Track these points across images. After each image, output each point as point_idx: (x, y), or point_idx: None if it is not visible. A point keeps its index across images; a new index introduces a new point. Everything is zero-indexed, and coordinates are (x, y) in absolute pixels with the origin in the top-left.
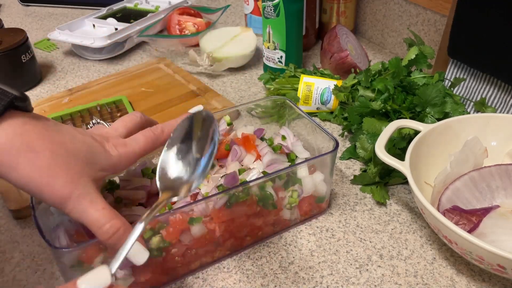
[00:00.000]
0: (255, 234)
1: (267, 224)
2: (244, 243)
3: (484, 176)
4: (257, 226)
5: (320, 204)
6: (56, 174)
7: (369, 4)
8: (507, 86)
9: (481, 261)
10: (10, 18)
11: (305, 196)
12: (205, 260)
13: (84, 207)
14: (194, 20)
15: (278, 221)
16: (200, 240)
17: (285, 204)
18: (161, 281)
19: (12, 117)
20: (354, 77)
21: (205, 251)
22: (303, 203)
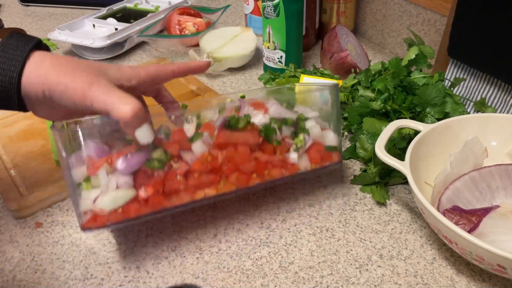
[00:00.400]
0: (261, 173)
1: (275, 165)
2: (250, 181)
3: (484, 176)
4: (263, 164)
5: (331, 154)
6: (77, 75)
7: (369, 4)
8: (507, 86)
9: (481, 261)
10: (10, 18)
11: (313, 144)
12: (209, 192)
13: (105, 91)
14: (194, 20)
15: (286, 164)
16: (202, 163)
17: (292, 145)
18: (162, 203)
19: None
20: (354, 77)
21: (209, 180)
22: (312, 150)
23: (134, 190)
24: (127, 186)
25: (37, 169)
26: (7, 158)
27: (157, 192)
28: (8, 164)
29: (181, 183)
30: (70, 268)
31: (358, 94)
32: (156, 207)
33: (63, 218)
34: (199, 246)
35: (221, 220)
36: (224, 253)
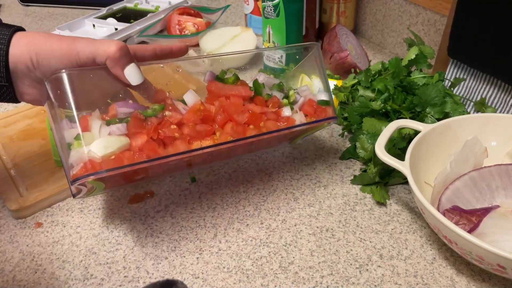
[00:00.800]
0: (257, 124)
1: (269, 117)
2: (247, 131)
3: (484, 176)
4: (257, 115)
5: (325, 108)
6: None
7: (369, 4)
8: (507, 86)
9: (481, 261)
10: (10, 18)
11: (305, 100)
12: (205, 142)
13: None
14: (194, 20)
15: (280, 117)
16: (195, 112)
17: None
18: (158, 152)
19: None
20: (354, 77)
21: (204, 130)
22: (305, 106)
23: (127, 138)
24: (120, 132)
25: (37, 169)
26: (7, 158)
27: (150, 139)
28: (8, 164)
29: (175, 130)
30: (70, 268)
31: (358, 94)
32: (150, 154)
33: (63, 218)
34: (199, 246)
35: (221, 220)
36: (224, 253)
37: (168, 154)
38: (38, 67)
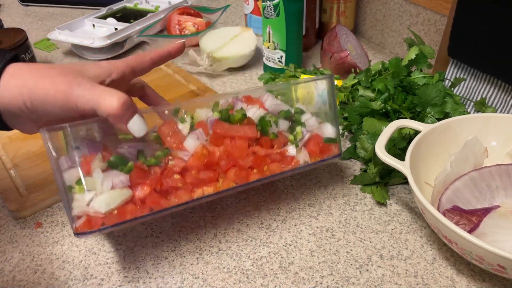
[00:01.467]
0: (261, 168)
1: (273, 159)
2: (250, 176)
3: (484, 176)
4: (261, 158)
5: (330, 146)
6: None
7: (369, 4)
8: (507, 86)
9: (481, 261)
10: (10, 18)
11: (311, 136)
12: (208, 190)
13: (87, 88)
14: (194, 20)
15: (284, 158)
16: (198, 158)
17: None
18: (160, 203)
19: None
20: (354, 77)
21: (207, 177)
22: (310, 143)
23: (129, 190)
24: (123, 185)
25: (37, 169)
26: (7, 158)
27: (154, 191)
28: (8, 164)
29: (178, 181)
30: (70, 268)
31: (358, 94)
32: (153, 207)
33: (63, 218)
34: (199, 246)
35: (221, 220)
36: (224, 253)
37: (171, 205)
38: (33, 111)
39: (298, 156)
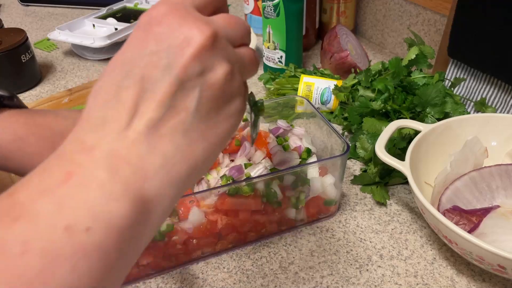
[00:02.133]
0: (258, 231)
1: (272, 221)
2: (247, 238)
3: (484, 176)
4: (261, 223)
5: (329, 207)
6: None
7: (369, 4)
8: (507, 86)
9: (481, 261)
10: (10, 18)
11: (313, 197)
12: (207, 250)
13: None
14: None
15: (283, 220)
16: (202, 230)
17: (292, 204)
18: (162, 265)
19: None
20: (354, 77)
21: (207, 242)
22: (310, 204)
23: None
24: None
25: None
26: None
27: (156, 257)
28: None
29: (180, 250)
30: None
31: (358, 94)
32: (155, 268)
33: None
34: None
35: None
36: (224, 253)
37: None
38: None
39: (296, 217)
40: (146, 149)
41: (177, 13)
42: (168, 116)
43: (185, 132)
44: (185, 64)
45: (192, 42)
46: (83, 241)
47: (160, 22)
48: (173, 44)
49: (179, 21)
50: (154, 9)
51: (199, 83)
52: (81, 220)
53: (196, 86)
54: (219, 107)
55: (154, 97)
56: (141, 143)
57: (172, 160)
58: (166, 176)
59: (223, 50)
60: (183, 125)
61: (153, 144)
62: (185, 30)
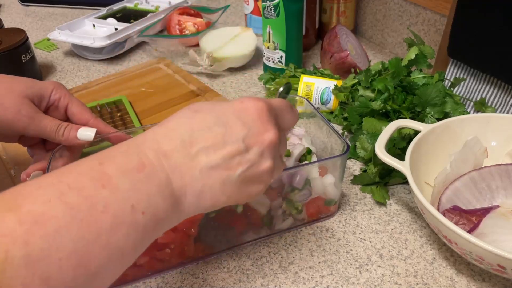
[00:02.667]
0: (257, 232)
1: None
2: (245, 238)
3: (484, 176)
4: (258, 228)
5: (329, 207)
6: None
7: (369, 4)
8: (507, 86)
9: (481, 261)
10: (10, 18)
11: (313, 198)
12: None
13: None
14: (194, 20)
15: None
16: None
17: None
18: (157, 267)
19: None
20: (354, 77)
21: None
22: (310, 205)
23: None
24: None
25: None
26: (7, 158)
27: (151, 260)
28: (8, 164)
29: (169, 254)
30: None
31: (358, 94)
32: (151, 269)
33: None
34: None
35: None
36: (224, 253)
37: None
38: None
39: (296, 218)
40: (196, 176)
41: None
42: (222, 166)
43: (223, 184)
44: (254, 143)
45: (266, 135)
46: (138, 219)
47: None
48: (256, 128)
49: (267, 118)
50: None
51: (252, 160)
52: (142, 204)
53: (249, 162)
54: (250, 183)
55: (223, 150)
56: (196, 171)
57: (204, 195)
58: (195, 201)
59: (276, 153)
60: (225, 179)
61: (203, 176)
62: (269, 126)
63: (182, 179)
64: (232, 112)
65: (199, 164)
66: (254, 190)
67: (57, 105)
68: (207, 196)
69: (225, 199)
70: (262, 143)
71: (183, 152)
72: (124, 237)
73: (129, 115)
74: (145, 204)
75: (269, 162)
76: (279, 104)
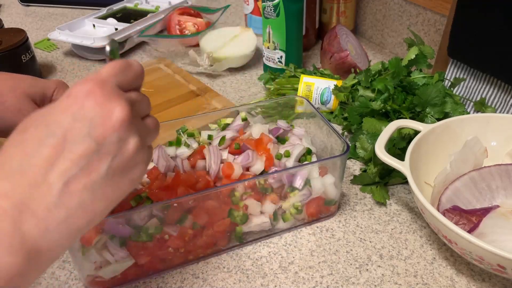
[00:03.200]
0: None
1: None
2: (245, 238)
3: (484, 176)
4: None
5: (329, 207)
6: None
7: (369, 4)
8: (507, 86)
9: (481, 261)
10: (10, 18)
11: (313, 198)
12: (205, 251)
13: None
14: (194, 20)
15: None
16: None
17: (291, 211)
18: (158, 267)
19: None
20: (354, 77)
21: (201, 244)
22: (310, 205)
23: (132, 260)
24: (125, 258)
25: None
26: None
27: (151, 259)
28: None
29: (172, 254)
30: (70, 268)
31: (358, 94)
32: (152, 269)
33: None
34: None
35: None
36: (224, 253)
37: (169, 267)
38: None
39: (297, 217)
40: (54, 203)
41: (104, 90)
42: (80, 175)
43: (92, 191)
44: (103, 133)
45: (113, 116)
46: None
47: (88, 96)
48: (97, 116)
49: (104, 97)
50: (83, 83)
51: (112, 151)
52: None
53: (110, 154)
54: (125, 172)
55: (71, 157)
56: (51, 196)
57: (75, 215)
58: (65, 229)
59: (136, 125)
60: (92, 185)
61: (62, 199)
62: (109, 105)
63: (34, 217)
64: (62, 111)
65: (53, 188)
66: (133, 175)
67: None
68: (78, 217)
69: (104, 203)
70: (114, 127)
71: (25, 185)
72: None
73: None
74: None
75: (133, 140)
76: (111, 71)
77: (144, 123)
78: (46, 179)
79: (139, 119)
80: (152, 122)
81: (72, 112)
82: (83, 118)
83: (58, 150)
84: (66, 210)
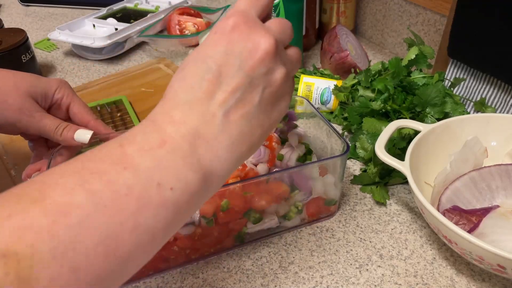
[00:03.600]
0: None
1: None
2: (246, 238)
3: (484, 176)
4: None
5: (329, 207)
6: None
7: (369, 4)
8: (507, 86)
9: (481, 261)
10: (10, 18)
11: (313, 198)
12: (206, 250)
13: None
14: (194, 20)
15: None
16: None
17: (292, 209)
18: (159, 267)
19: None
20: (354, 77)
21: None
22: (311, 205)
23: None
24: None
25: None
26: (7, 158)
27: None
28: (8, 164)
29: (176, 253)
30: None
31: (358, 94)
32: (152, 268)
33: None
34: None
35: None
36: (224, 253)
37: (170, 267)
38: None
39: (296, 218)
40: (220, 130)
41: (247, 23)
42: (237, 106)
43: (249, 120)
44: (253, 65)
45: (259, 48)
46: (166, 197)
47: (234, 29)
48: (245, 49)
49: (249, 30)
50: (229, 18)
51: (262, 82)
52: (169, 180)
53: (260, 84)
54: (275, 102)
55: (228, 89)
56: (216, 125)
57: (237, 142)
58: (229, 155)
59: (280, 55)
60: (248, 114)
61: (225, 127)
62: (254, 37)
63: (205, 141)
64: (213, 47)
65: (216, 117)
66: (281, 105)
67: (60, 104)
68: (238, 144)
69: (259, 131)
70: (261, 59)
71: (194, 114)
72: (152, 218)
73: (129, 115)
74: (172, 180)
75: (280, 71)
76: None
77: (288, 54)
78: (209, 109)
79: (283, 50)
80: (294, 52)
81: (222, 46)
82: (232, 52)
83: (215, 83)
84: (230, 137)
